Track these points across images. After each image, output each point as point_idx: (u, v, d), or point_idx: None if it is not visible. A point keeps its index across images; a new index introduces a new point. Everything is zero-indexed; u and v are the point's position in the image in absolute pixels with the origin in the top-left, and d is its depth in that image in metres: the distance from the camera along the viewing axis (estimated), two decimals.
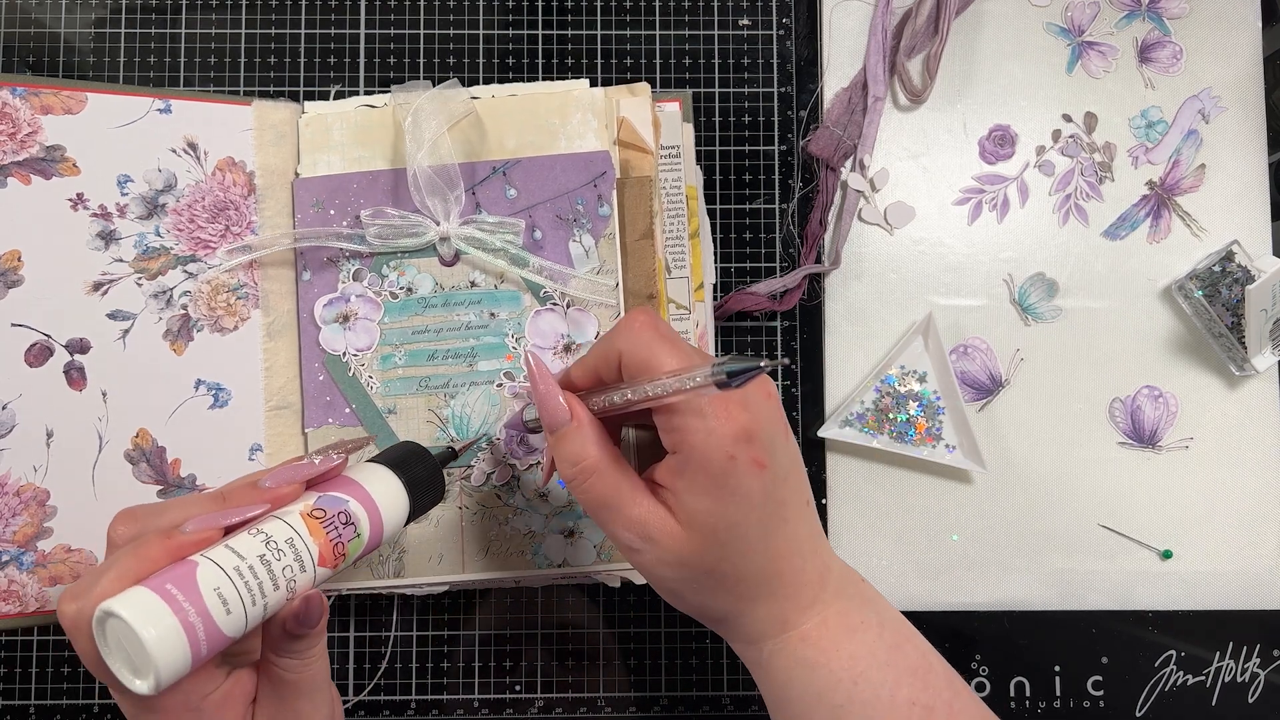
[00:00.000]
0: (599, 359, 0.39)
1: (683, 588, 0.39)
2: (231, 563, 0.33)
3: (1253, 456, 0.57)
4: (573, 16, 0.58)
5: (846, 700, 0.38)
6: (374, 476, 0.39)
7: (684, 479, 0.37)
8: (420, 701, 0.55)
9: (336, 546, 0.36)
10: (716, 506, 0.36)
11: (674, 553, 0.37)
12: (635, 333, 0.38)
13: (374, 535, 0.38)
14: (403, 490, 0.40)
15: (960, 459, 0.56)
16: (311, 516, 0.36)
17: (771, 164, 0.58)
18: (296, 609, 0.34)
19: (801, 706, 0.39)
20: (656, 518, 0.38)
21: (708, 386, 0.34)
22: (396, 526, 0.40)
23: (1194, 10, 0.59)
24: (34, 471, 0.49)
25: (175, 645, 0.31)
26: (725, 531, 0.37)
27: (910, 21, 0.57)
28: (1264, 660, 0.56)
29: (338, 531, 0.37)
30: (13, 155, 0.49)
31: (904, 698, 0.38)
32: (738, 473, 0.36)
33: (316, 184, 0.51)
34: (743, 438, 0.36)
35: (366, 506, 0.38)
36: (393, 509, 0.39)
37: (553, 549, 0.50)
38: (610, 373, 0.39)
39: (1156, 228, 0.58)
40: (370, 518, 0.38)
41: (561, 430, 0.39)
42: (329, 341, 0.50)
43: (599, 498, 0.38)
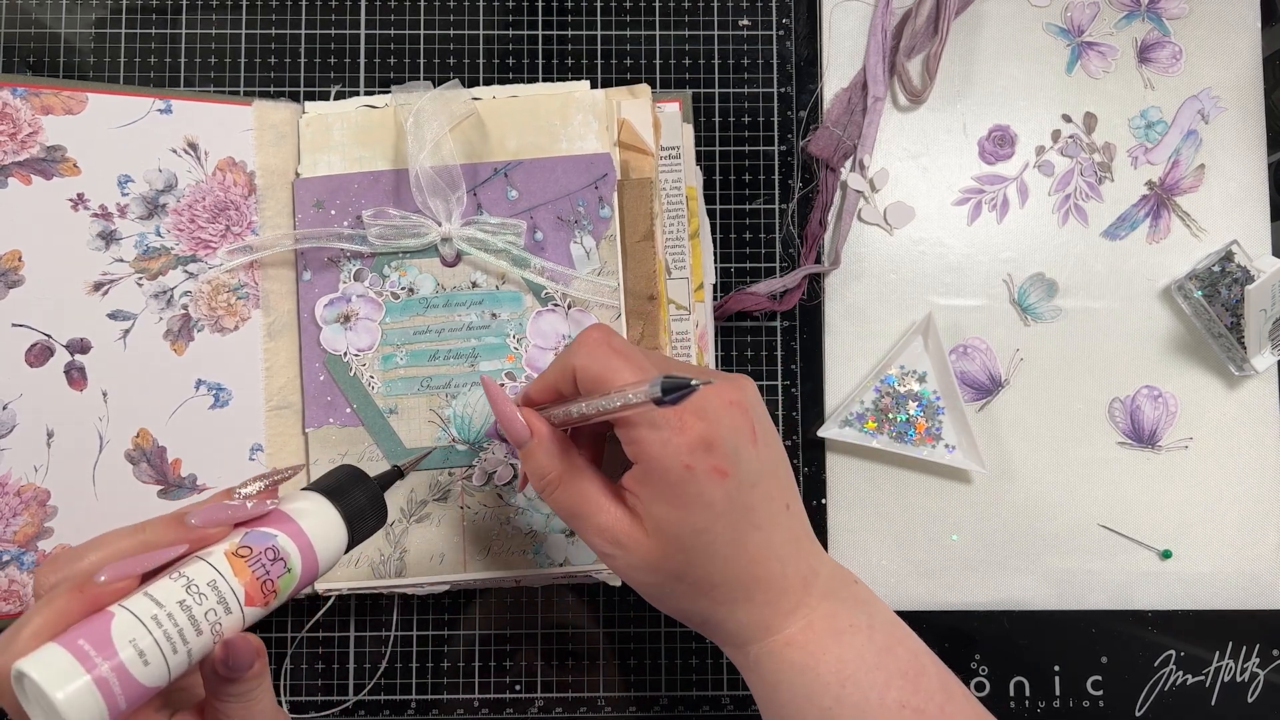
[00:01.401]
0: (557, 375, 0.40)
1: (658, 592, 0.39)
2: (149, 611, 0.32)
3: (1253, 456, 0.58)
4: (573, 17, 0.58)
5: (835, 703, 0.38)
6: (306, 507, 0.38)
7: (646, 488, 0.38)
8: (420, 701, 0.55)
9: (265, 584, 0.35)
10: (677, 514, 0.37)
11: (642, 558, 0.38)
12: (589, 348, 0.38)
13: (308, 569, 0.37)
14: (339, 519, 0.38)
15: (960, 459, 0.56)
16: (237, 555, 0.35)
17: (771, 164, 0.58)
18: (220, 656, 0.33)
19: (791, 709, 0.39)
20: (624, 525, 0.38)
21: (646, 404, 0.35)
22: (334, 556, 0.38)
23: (1194, 10, 0.59)
24: (34, 471, 0.49)
25: (88, 704, 0.30)
26: (690, 538, 0.37)
27: (910, 22, 0.57)
28: (1264, 660, 0.56)
29: (265, 569, 0.35)
30: (13, 155, 0.49)
31: (894, 700, 0.38)
32: (696, 481, 0.37)
33: (317, 184, 0.51)
34: (700, 447, 0.36)
35: (297, 540, 0.37)
36: (328, 539, 0.38)
37: (553, 548, 0.50)
38: (568, 387, 0.40)
39: (1156, 228, 0.58)
40: (302, 551, 0.37)
41: (525, 447, 0.40)
42: (330, 341, 0.50)
43: (567, 507, 0.39)
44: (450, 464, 0.50)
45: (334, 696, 0.55)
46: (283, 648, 0.55)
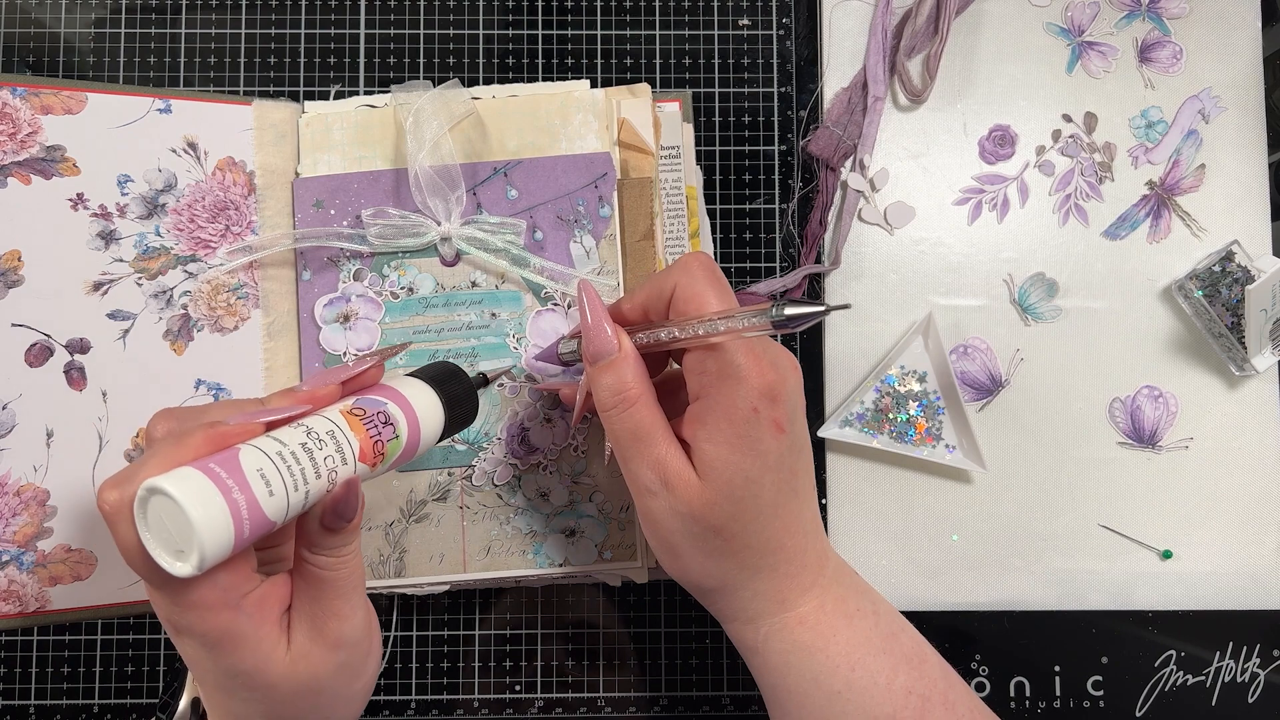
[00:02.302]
0: (651, 294, 0.40)
1: (688, 544, 0.38)
2: (274, 448, 0.33)
3: (1253, 456, 0.57)
4: (573, 16, 0.58)
5: (845, 686, 0.38)
6: (411, 387, 0.40)
7: (706, 427, 0.37)
8: (420, 701, 0.55)
9: (376, 444, 0.37)
10: (734, 457, 0.37)
11: (687, 503, 0.37)
12: (692, 271, 0.38)
13: (411, 439, 0.39)
14: (439, 403, 0.41)
15: (960, 459, 0.56)
16: (351, 414, 0.37)
17: (771, 164, 0.58)
18: (338, 495, 0.34)
19: (799, 694, 0.39)
20: (677, 462, 0.38)
21: (764, 327, 0.35)
22: (432, 436, 0.40)
23: (1194, 10, 0.59)
24: (34, 471, 0.49)
25: (220, 522, 0.30)
26: (741, 487, 0.37)
27: (910, 21, 0.57)
28: (1264, 660, 0.56)
29: (377, 430, 0.37)
30: (13, 155, 0.49)
31: (901, 685, 0.38)
32: (759, 427, 0.36)
33: (317, 184, 0.51)
34: (768, 395, 0.36)
35: (405, 410, 0.39)
36: (429, 418, 0.40)
37: (553, 549, 0.50)
38: (659, 310, 0.39)
39: (1156, 228, 0.58)
40: (408, 421, 0.39)
41: (608, 359, 0.39)
42: (329, 341, 0.50)
43: (633, 428, 0.38)
44: (450, 464, 0.50)
45: None
46: None
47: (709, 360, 0.37)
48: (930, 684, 0.39)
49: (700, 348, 0.37)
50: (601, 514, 0.50)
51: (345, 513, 0.35)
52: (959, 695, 0.40)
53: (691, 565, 0.39)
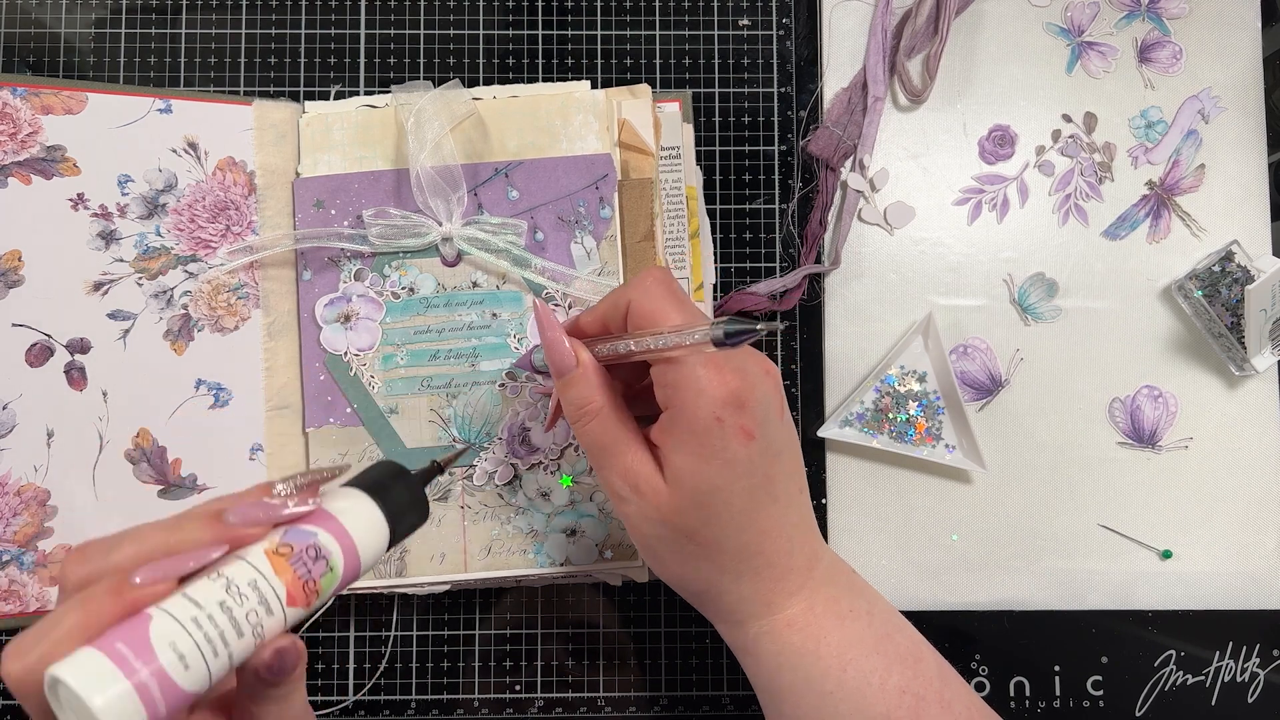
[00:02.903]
0: (609, 308, 0.40)
1: (664, 550, 0.39)
2: (189, 613, 0.31)
3: (1253, 456, 0.57)
4: (573, 16, 0.58)
5: (836, 687, 0.38)
6: (348, 504, 0.37)
7: (672, 436, 0.38)
8: (420, 701, 0.55)
9: (306, 584, 0.34)
10: (698, 465, 0.37)
11: (657, 509, 0.38)
12: (647, 287, 0.39)
13: (350, 567, 0.36)
14: (380, 516, 0.37)
15: (960, 459, 0.56)
16: (277, 554, 0.33)
17: (771, 164, 0.58)
18: (268, 661, 0.32)
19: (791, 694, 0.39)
20: (647, 469, 0.38)
21: (704, 344, 0.35)
22: (376, 554, 0.37)
23: (1194, 10, 0.59)
24: (34, 471, 0.49)
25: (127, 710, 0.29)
26: (707, 495, 0.37)
27: (910, 21, 0.57)
28: (1264, 660, 0.56)
29: (306, 568, 0.34)
30: (13, 155, 0.49)
31: (894, 685, 0.38)
32: (724, 436, 0.37)
33: (317, 184, 0.51)
34: (732, 403, 0.37)
35: (339, 538, 0.35)
36: (370, 538, 0.36)
37: (554, 548, 0.50)
38: (617, 323, 0.40)
39: (1156, 228, 0.58)
40: (344, 549, 0.35)
41: (568, 375, 0.40)
42: (330, 341, 0.50)
43: (598, 441, 0.39)
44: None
45: (334, 696, 0.55)
46: None
47: (670, 372, 0.37)
48: (925, 683, 0.39)
49: (659, 361, 0.38)
50: (602, 513, 0.50)
51: (282, 670, 0.32)
52: (956, 694, 0.40)
53: (672, 568, 0.40)
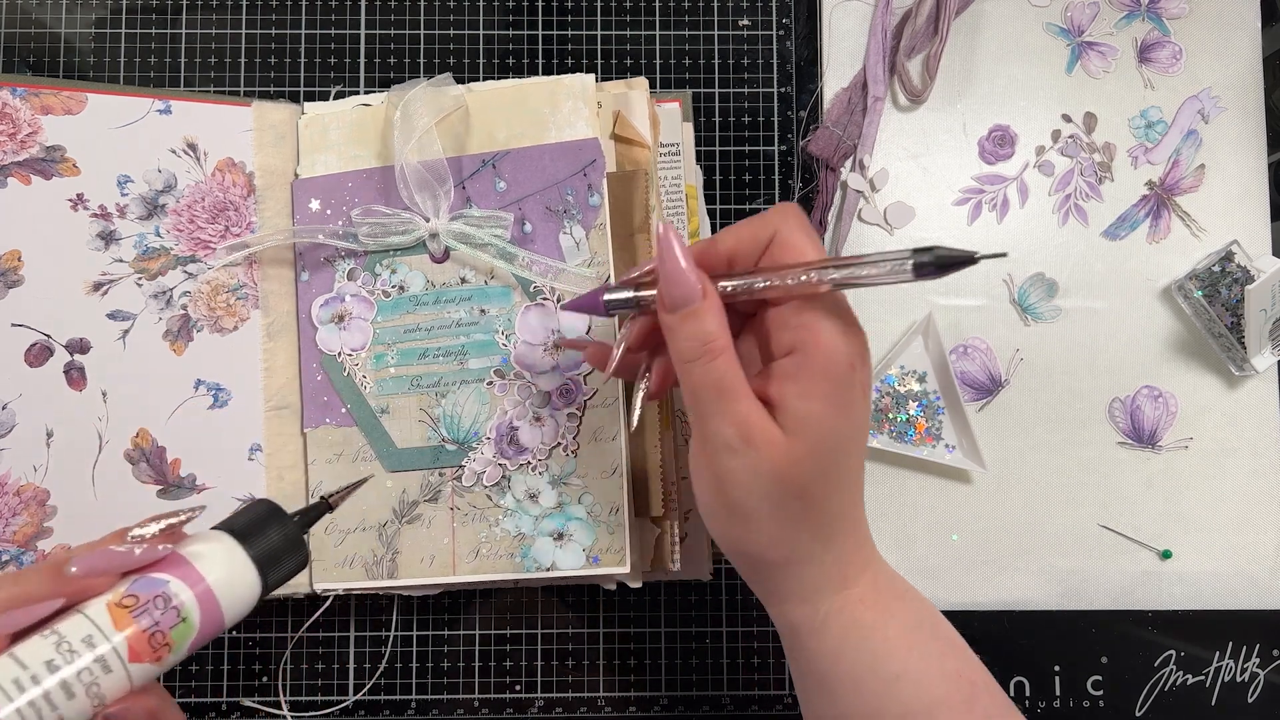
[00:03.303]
0: (743, 239, 0.37)
1: (765, 508, 0.36)
2: (10, 674, 0.28)
3: (1253, 456, 0.57)
4: (573, 16, 0.58)
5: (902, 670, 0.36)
6: (208, 549, 0.34)
7: (799, 382, 0.35)
8: (420, 701, 0.55)
9: (154, 637, 0.31)
10: (830, 412, 0.34)
11: (771, 461, 0.35)
12: (791, 218, 0.36)
13: (209, 618, 0.33)
14: (247, 562, 0.34)
15: (960, 459, 0.56)
16: (120, 605, 0.31)
17: (771, 164, 0.58)
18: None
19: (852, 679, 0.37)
20: (762, 419, 0.35)
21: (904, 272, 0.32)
22: (244, 603, 0.34)
23: (1194, 10, 0.59)
24: (34, 471, 0.49)
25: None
26: (831, 445, 0.35)
27: (910, 22, 0.57)
28: (1264, 660, 0.56)
29: (154, 620, 0.31)
30: (13, 155, 0.49)
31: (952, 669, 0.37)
32: (855, 386, 0.35)
33: (315, 184, 0.51)
34: (862, 356, 0.35)
35: (195, 586, 0.32)
36: (234, 585, 0.33)
37: (541, 552, 0.49)
38: (749, 257, 0.37)
39: (1156, 228, 0.58)
40: (200, 598, 0.32)
41: (691, 307, 0.35)
42: (325, 341, 0.50)
43: (718, 380, 0.35)
44: (441, 464, 0.50)
45: (334, 696, 0.55)
46: (282, 647, 0.55)
47: (804, 312, 0.35)
48: (976, 669, 0.38)
49: (803, 297, 0.35)
50: (591, 517, 0.49)
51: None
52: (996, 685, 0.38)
53: (763, 532, 0.36)
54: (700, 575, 0.54)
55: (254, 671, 0.55)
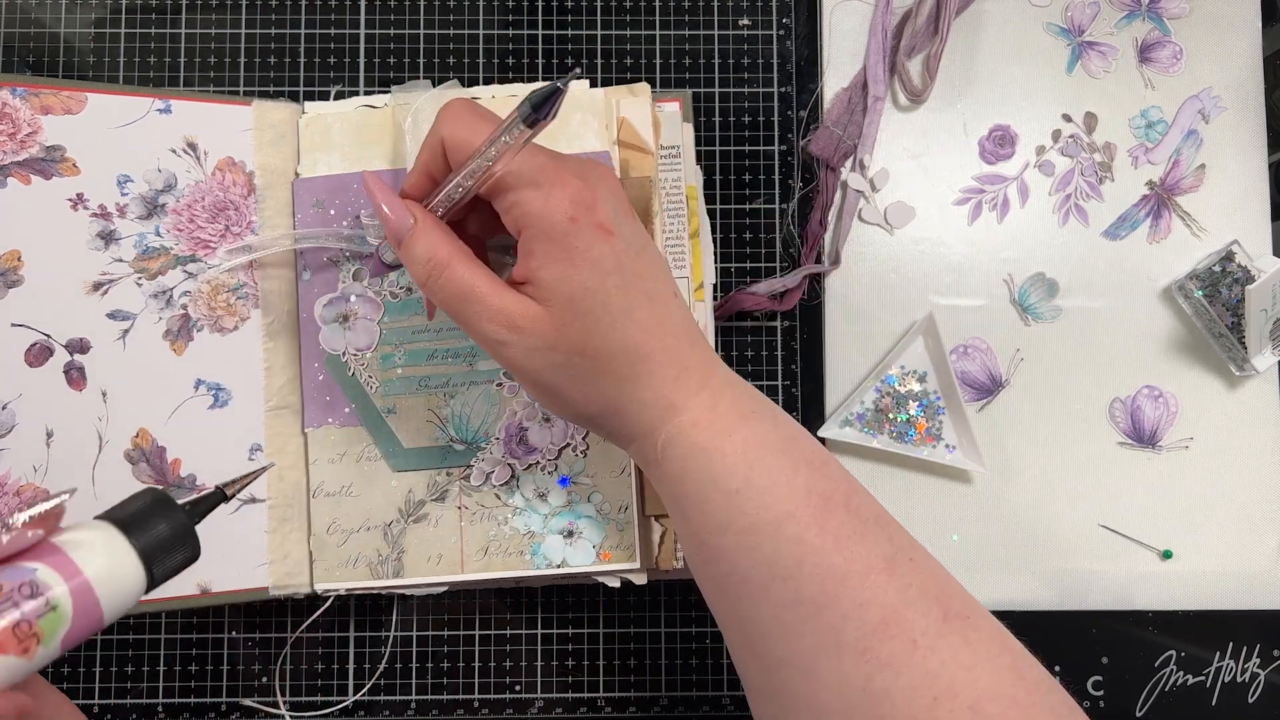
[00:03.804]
0: (427, 156, 0.39)
1: (560, 378, 0.38)
2: None
3: (1253, 456, 0.57)
4: (573, 16, 0.58)
5: (743, 484, 0.37)
6: (87, 538, 0.32)
7: (533, 256, 0.37)
8: (420, 701, 0.55)
9: (19, 627, 0.29)
10: (568, 270, 0.37)
11: (541, 336, 0.37)
12: (454, 114, 0.38)
13: (84, 609, 0.31)
14: (131, 552, 0.32)
15: (960, 459, 0.56)
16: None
17: (771, 164, 0.58)
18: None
19: (698, 499, 0.38)
20: (519, 304, 0.37)
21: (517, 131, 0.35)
22: (126, 595, 0.32)
23: (1194, 10, 0.59)
24: (34, 471, 0.49)
25: None
26: (583, 299, 0.37)
27: (910, 21, 0.57)
28: (1264, 660, 0.56)
29: (16, 608, 0.29)
30: (13, 155, 0.49)
31: (801, 485, 0.37)
32: (582, 234, 0.37)
33: (317, 184, 0.51)
34: (582, 203, 0.37)
35: (68, 575, 0.30)
36: (114, 576, 0.32)
37: (551, 550, 0.50)
38: (440, 168, 0.39)
39: (1156, 228, 0.58)
40: (75, 589, 0.30)
41: (409, 235, 0.38)
42: (329, 341, 0.50)
43: (458, 290, 0.38)
44: (448, 464, 0.50)
45: (334, 696, 0.55)
46: (281, 647, 0.55)
47: (511, 192, 0.37)
48: (832, 485, 0.38)
49: (496, 189, 0.37)
50: (600, 514, 0.50)
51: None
52: (863, 500, 0.39)
53: (573, 397, 0.39)
54: None
55: (254, 671, 0.55)
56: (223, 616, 0.55)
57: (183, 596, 0.49)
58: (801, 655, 0.36)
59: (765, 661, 0.38)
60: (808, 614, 0.36)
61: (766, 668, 0.38)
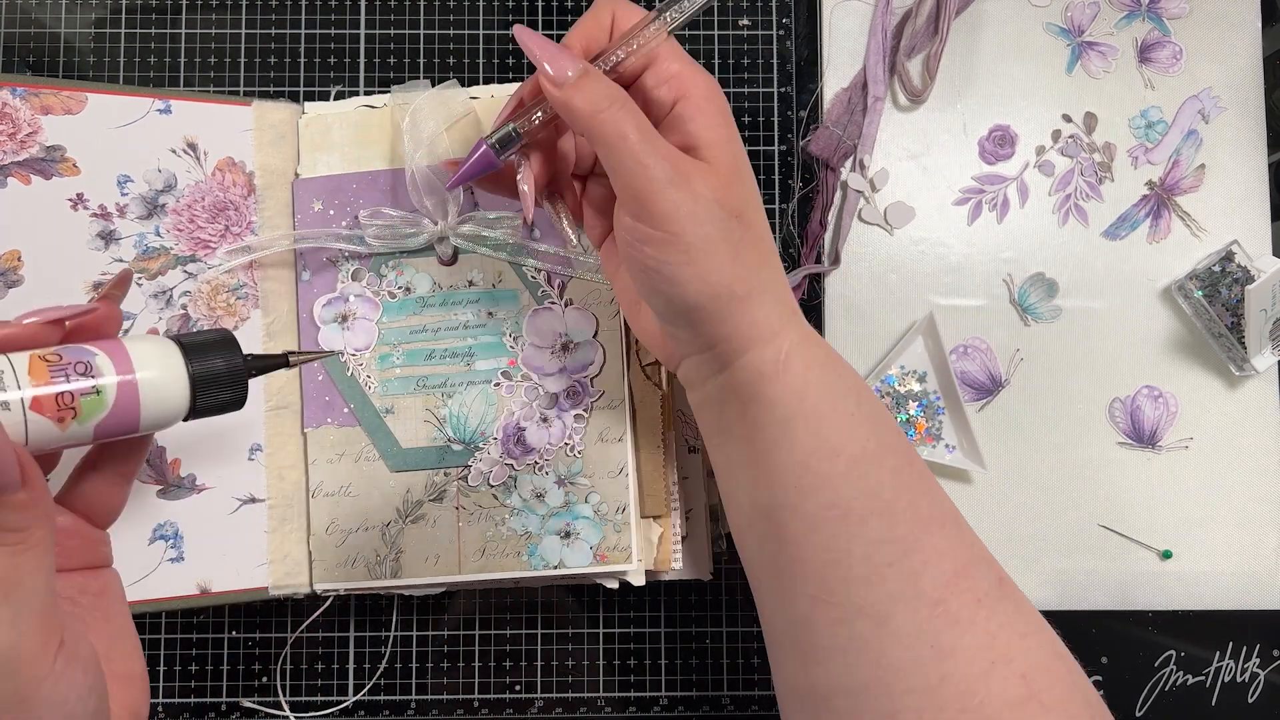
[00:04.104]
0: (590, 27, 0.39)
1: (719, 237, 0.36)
2: None
3: (1253, 456, 0.57)
4: (572, 17, 0.58)
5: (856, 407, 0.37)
6: (149, 349, 0.34)
7: (698, 118, 0.38)
8: (420, 701, 0.55)
9: (62, 397, 0.31)
10: (732, 134, 0.38)
11: (709, 185, 0.37)
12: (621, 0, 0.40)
13: (123, 405, 0.32)
14: (183, 374, 0.34)
15: (960, 459, 0.56)
16: (43, 358, 0.31)
17: (771, 164, 0.58)
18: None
19: (815, 417, 0.37)
20: (684, 156, 0.37)
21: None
22: (164, 410, 0.34)
23: (1194, 10, 0.59)
24: None
25: None
26: (743, 165, 0.38)
27: (910, 21, 0.57)
28: (1264, 660, 0.56)
29: (66, 378, 0.31)
30: (13, 155, 0.49)
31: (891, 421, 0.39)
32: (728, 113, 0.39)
33: (316, 184, 0.51)
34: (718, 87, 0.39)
35: (121, 368, 0.32)
36: (159, 388, 0.33)
37: (548, 551, 0.49)
38: (601, 46, 0.40)
39: (1156, 228, 0.58)
40: (122, 384, 0.32)
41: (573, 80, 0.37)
42: (328, 341, 0.50)
43: (637, 123, 0.36)
44: (446, 464, 0.50)
45: (334, 696, 0.55)
46: (281, 647, 0.55)
47: (672, 65, 0.38)
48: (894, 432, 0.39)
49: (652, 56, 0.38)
50: (598, 515, 0.50)
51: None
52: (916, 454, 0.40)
53: (724, 265, 0.37)
54: (700, 575, 0.54)
55: (253, 671, 0.55)
56: (223, 616, 0.55)
57: (183, 596, 0.49)
58: (881, 602, 0.36)
59: (841, 611, 0.36)
60: (896, 555, 0.36)
61: (840, 619, 0.36)
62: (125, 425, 0.33)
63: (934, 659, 0.35)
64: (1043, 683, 0.35)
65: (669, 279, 0.37)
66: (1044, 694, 0.34)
